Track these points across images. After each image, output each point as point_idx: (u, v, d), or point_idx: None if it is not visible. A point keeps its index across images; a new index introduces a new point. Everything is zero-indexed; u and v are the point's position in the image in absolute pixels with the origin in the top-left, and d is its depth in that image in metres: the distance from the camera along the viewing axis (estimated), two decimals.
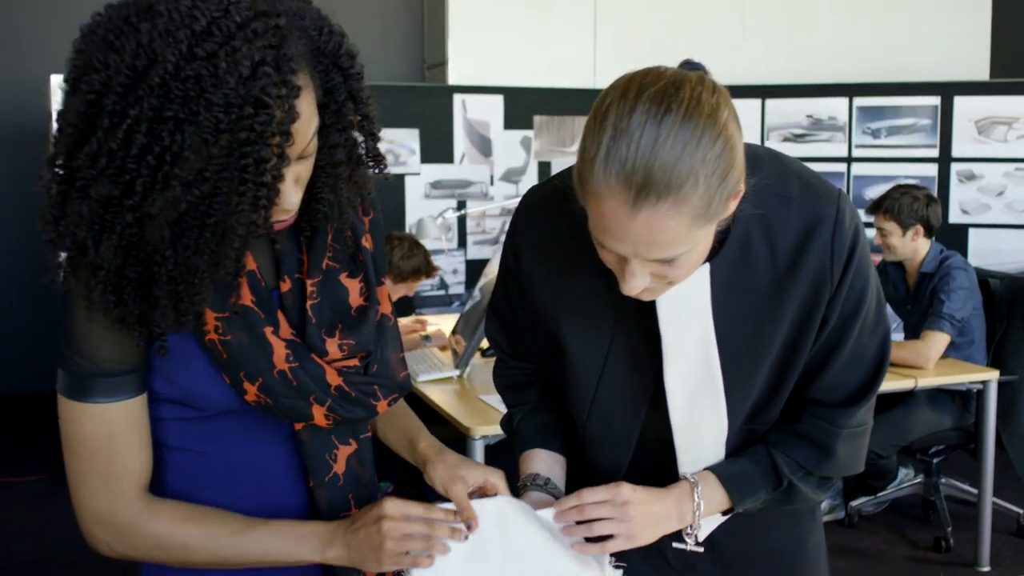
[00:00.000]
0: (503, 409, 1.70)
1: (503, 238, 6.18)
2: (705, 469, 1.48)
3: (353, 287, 1.38)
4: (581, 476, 1.57)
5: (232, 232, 1.12)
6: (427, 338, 4.36)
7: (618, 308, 1.44)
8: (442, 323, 4.63)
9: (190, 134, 1.04)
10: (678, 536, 1.57)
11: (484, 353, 4.10)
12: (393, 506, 1.29)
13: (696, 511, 1.45)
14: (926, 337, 4.06)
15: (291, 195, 1.19)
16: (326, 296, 1.34)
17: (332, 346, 1.32)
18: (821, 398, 1.48)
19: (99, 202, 1.09)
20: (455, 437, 2.99)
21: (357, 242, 1.39)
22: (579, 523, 1.40)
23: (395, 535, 1.28)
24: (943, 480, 4.54)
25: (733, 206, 1.26)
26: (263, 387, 1.26)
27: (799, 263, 1.38)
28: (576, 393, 1.51)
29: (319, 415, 1.30)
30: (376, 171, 1.34)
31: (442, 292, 6.07)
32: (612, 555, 1.41)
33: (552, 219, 1.47)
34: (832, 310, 1.40)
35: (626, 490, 1.40)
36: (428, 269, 4.68)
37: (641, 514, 1.40)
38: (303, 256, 1.35)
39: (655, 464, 1.55)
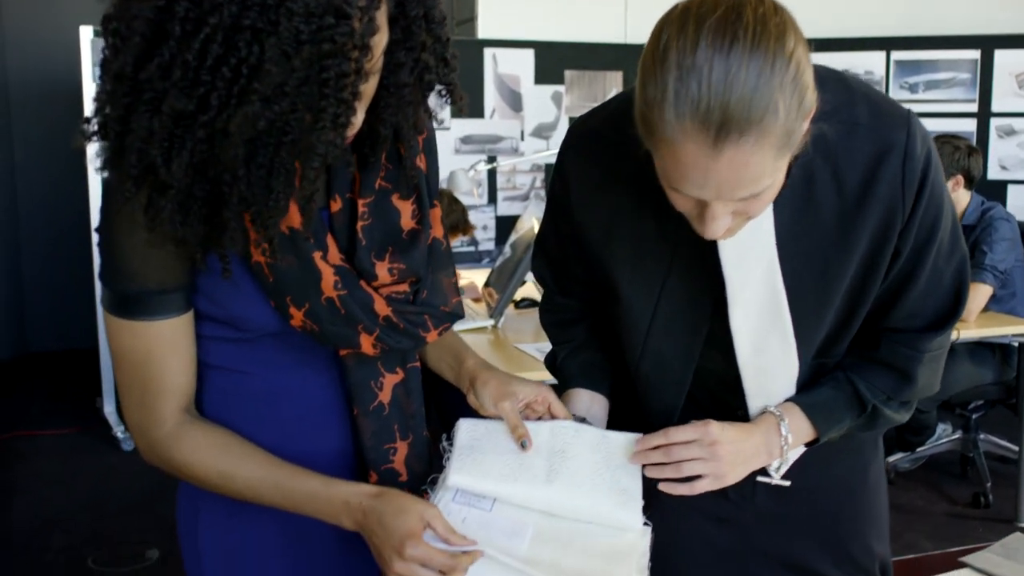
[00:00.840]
0: (538, 356, 1.66)
1: (533, 194, 6.14)
2: (787, 400, 1.43)
3: (405, 209, 1.32)
4: (632, 419, 1.53)
5: (312, 151, 1.06)
6: (460, 290, 4.32)
7: (673, 246, 1.38)
8: (473, 278, 4.59)
9: (270, 46, 0.98)
10: (761, 470, 1.54)
11: (518, 305, 4.06)
12: (419, 551, 1.18)
13: (784, 445, 1.40)
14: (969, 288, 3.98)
15: (356, 113, 1.12)
16: (377, 217, 1.29)
17: (382, 270, 1.27)
18: (900, 326, 1.43)
19: (170, 117, 1.03)
20: None
21: (411, 162, 1.33)
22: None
23: (404, 572, 1.19)
24: (982, 436, 4.47)
25: (806, 126, 1.20)
26: (309, 313, 1.21)
27: (868, 195, 1.31)
28: (628, 334, 1.46)
29: (366, 344, 1.26)
30: (447, 100, 1.27)
31: (472, 249, 6.02)
32: (645, 514, 1.35)
33: (601, 152, 1.41)
34: (904, 241, 1.34)
35: (714, 428, 1.35)
36: (465, 226, 4.65)
37: (730, 453, 1.35)
38: (355, 175, 1.30)
39: (716, 405, 1.50)
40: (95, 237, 1.21)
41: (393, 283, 1.28)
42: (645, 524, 1.34)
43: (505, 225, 5.79)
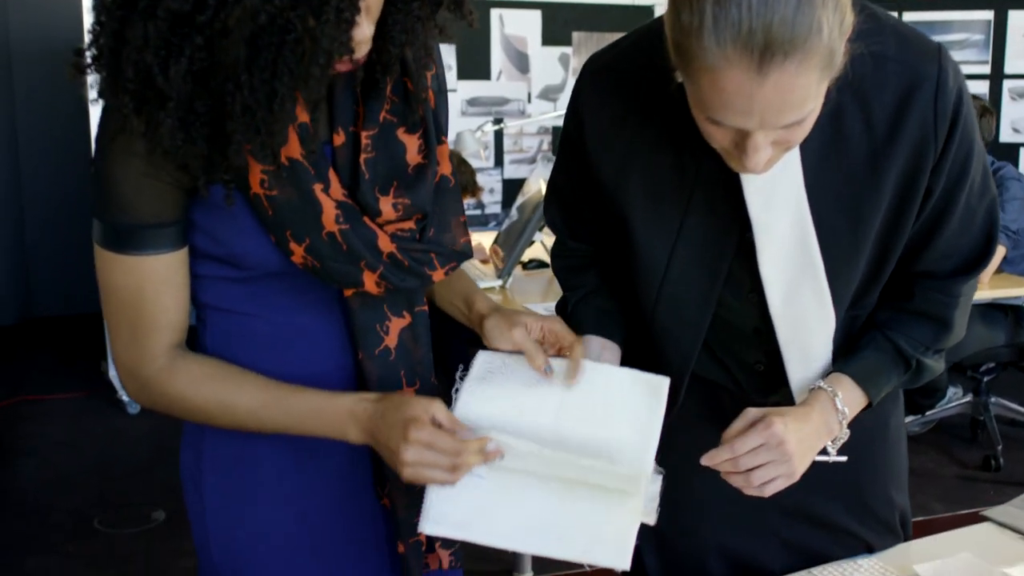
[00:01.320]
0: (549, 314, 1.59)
1: (540, 157, 6.09)
2: (834, 372, 1.39)
3: (411, 143, 1.28)
4: (648, 368, 1.49)
5: (317, 48, 1.02)
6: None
7: (691, 186, 1.34)
8: (480, 240, 4.55)
9: None
10: None
11: (526, 266, 4.03)
12: (424, 432, 1.16)
13: (841, 419, 1.35)
14: None
15: (363, 25, 1.08)
16: (381, 151, 1.25)
17: (386, 205, 1.23)
18: (932, 270, 1.39)
19: (166, 21, 0.99)
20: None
21: (418, 95, 1.29)
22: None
23: (414, 459, 1.16)
24: (992, 399, 4.44)
25: (844, 47, 1.15)
26: (310, 249, 1.17)
27: (899, 131, 1.27)
28: (643, 278, 1.42)
29: (370, 281, 1.22)
30: (458, 16, 1.22)
31: (479, 212, 5.98)
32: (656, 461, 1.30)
33: (617, 88, 1.37)
34: (937, 179, 1.30)
35: (778, 426, 1.27)
36: (474, 188, 4.62)
37: (797, 447, 1.28)
38: (359, 108, 1.26)
39: (733, 359, 1.47)
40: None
41: (398, 220, 1.24)
42: (657, 471, 1.30)
43: (512, 188, 5.75)
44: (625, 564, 1.22)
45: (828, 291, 1.33)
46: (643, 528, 1.56)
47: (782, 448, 1.27)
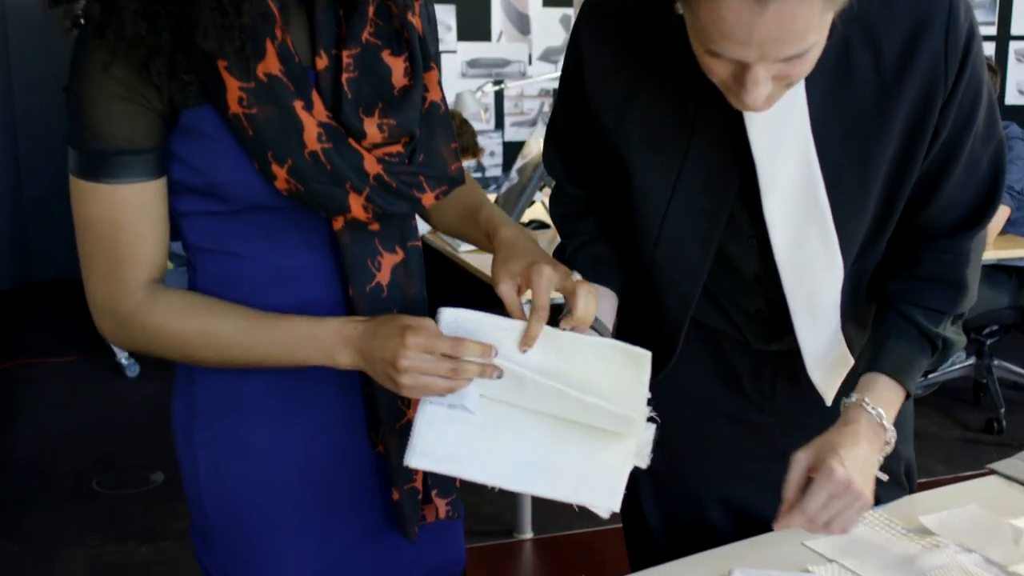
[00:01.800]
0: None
1: (541, 119, 6.03)
2: (869, 372, 1.34)
3: (396, 66, 1.24)
4: (643, 318, 1.46)
5: None
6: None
7: (692, 126, 1.30)
8: None
9: None
10: (761, 375, 1.47)
11: (526, 226, 3.99)
12: (421, 337, 1.13)
13: (888, 439, 1.30)
14: None
15: None
16: (365, 72, 1.21)
17: (371, 126, 1.18)
18: (936, 225, 1.35)
19: None
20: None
21: (403, 18, 1.25)
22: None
23: (412, 365, 1.12)
24: (996, 362, 4.41)
25: None
26: (293, 170, 1.13)
27: (907, 69, 1.23)
28: (642, 222, 1.38)
29: (356, 206, 1.18)
30: None
31: (479, 174, 5.93)
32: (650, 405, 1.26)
33: (616, 27, 1.33)
34: (944, 120, 1.26)
35: (839, 471, 1.21)
36: (475, 149, 4.58)
37: (861, 476, 1.24)
38: (342, 33, 1.21)
39: (734, 308, 1.43)
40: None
41: (385, 143, 1.20)
42: (651, 419, 1.27)
43: (512, 151, 5.70)
44: (615, 506, 1.19)
45: (835, 237, 1.29)
46: (642, 478, 1.55)
47: (850, 487, 1.22)
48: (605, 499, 1.19)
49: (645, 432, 1.25)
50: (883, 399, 1.31)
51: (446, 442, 1.18)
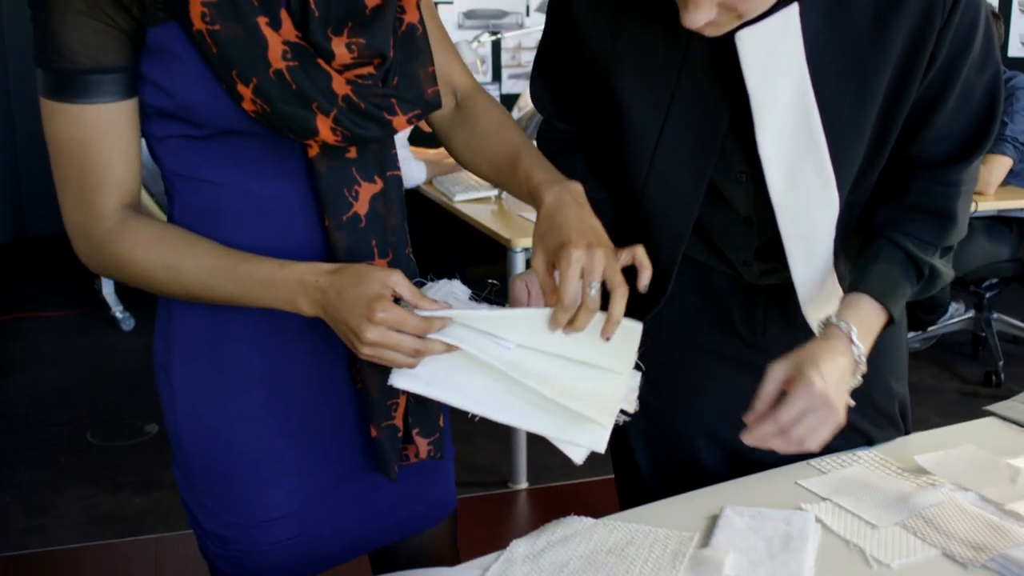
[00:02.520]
0: None
1: None
2: (851, 292, 1.30)
3: None
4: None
5: None
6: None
7: (683, 56, 1.26)
8: None
9: None
10: (752, 311, 1.44)
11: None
12: (391, 313, 1.08)
13: (859, 356, 1.26)
14: (987, 160, 3.85)
15: None
16: None
17: (339, 46, 1.14)
18: (927, 155, 1.31)
19: None
20: (499, 275, 2.92)
21: None
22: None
23: (377, 340, 1.09)
24: (995, 315, 4.39)
25: None
26: (258, 90, 1.10)
27: None
28: (632, 156, 1.35)
29: (325, 128, 1.14)
30: None
31: None
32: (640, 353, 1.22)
33: None
34: (941, 46, 1.22)
35: (816, 381, 1.19)
36: None
37: (836, 391, 1.21)
38: None
39: (721, 257, 1.40)
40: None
41: (356, 64, 1.16)
42: (638, 367, 1.24)
43: (509, 104, 5.63)
44: (601, 447, 1.16)
45: (831, 170, 1.26)
46: (633, 424, 1.52)
47: (827, 403, 1.19)
48: (591, 439, 1.16)
49: (631, 379, 1.22)
50: (863, 320, 1.28)
51: (434, 367, 1.15)
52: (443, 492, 1.46)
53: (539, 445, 3.36)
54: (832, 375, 1.21)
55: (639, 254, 1.19)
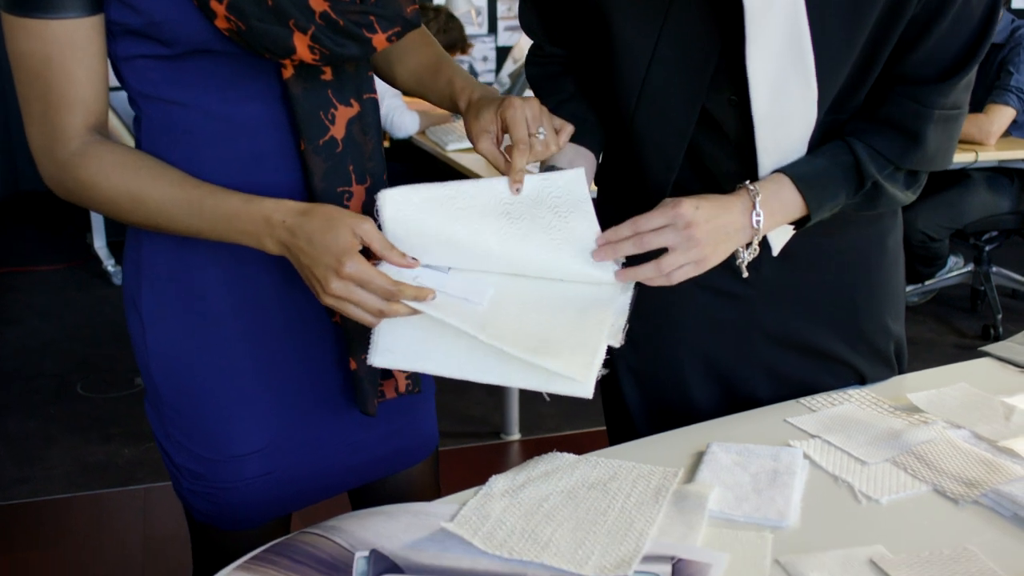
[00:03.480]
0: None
1: None
2: (776, 171, 1.27)
3: None
4: (627, 183, 1.38)
5: None
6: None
7: None
8: None
9: None
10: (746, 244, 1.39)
11: None
12: (361, 269, 1.06)
13: (756, 224, 1.23)
14: (990, 111, 3.80)
15: None
16: None
17: None
18: (912, 74, 1.25)
19: None
20: None
21: None
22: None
23: (342, 294, 1.07)
24: (994, 269, 4.34)
25: None
26: (232, 7, 1.05)
27: None
28: (623, 80, 1.30)
29: (302, 46, 1.09)
30: None
31: None
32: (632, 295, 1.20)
33: None
34: None
35: (687, 209, 1.17)
36: (463, 44, 4.46)
37: (709, 233, 1.18)
38: None
39: (724, 170, 1.35)
40: None
41: None
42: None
43: (505, 56, 5.56)
44: (588, 392, 1.12)
45: (816, 88, 1.21)
46: (621, 357, 1.49)
47: (689, 231, 1.17)
48: (578, 386, 1.12)
49: (621, 296, 1.19)
50: (777, 197, 1.24)
51: (411, 337, 1.13)
52: (424, 429, 1.43)
53: (532, 396, 3.34)
54: (712, 218, 1.19)
55: (567, 128, 1.24)
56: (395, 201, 1.15)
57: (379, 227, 1.14)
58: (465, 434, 3.31)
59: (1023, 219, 4.13)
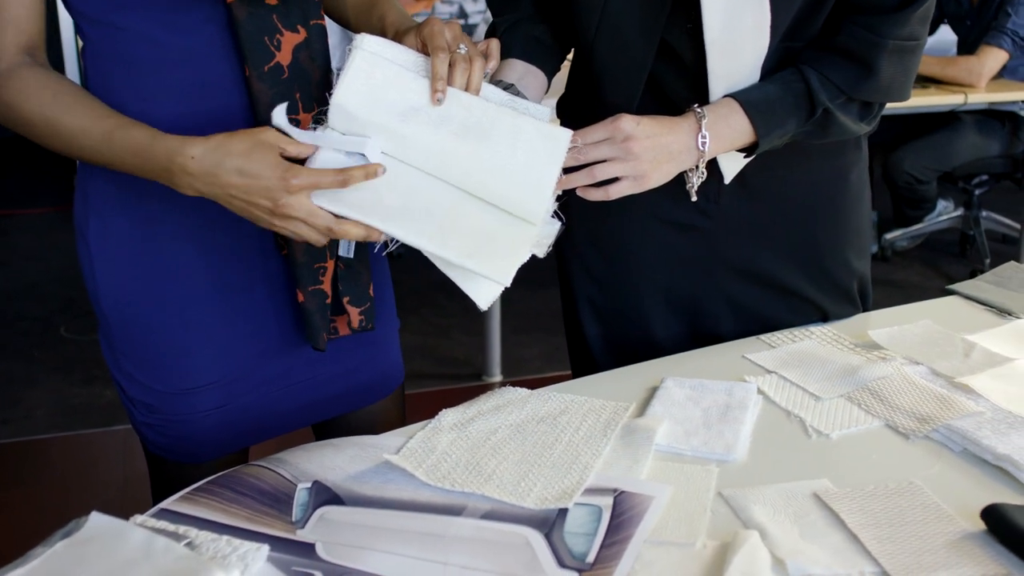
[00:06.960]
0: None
1: None
2: (727, 96, 1.25)
3: None
4: (589, 112, 1.35)
5: None
6: None
7: None
8: None
9: None
10: (707, 176, 1.37)
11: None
12: (303, 177, 1.05)
13: (701, 146, 1.22)
14: (982, 52, 3.75)
15: None
16: None
17: None
18: (867, 3, 1.22)
19: None
20: None
21: None
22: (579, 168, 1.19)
23: (295, 211, 1.06)
24: (984, 213, 4.32)
25: None
26: None
27: None
28: (582, 9, 1.28)
29: None
30: None
31: (463, 21, 5.73)
32: (557, 202, 1.17)
33: None
34: None
35: (626, 123, 1.17)
36: None
37: (648, 149, 1.18)
38: None
39: (684, 97, 1.33)
40: None
41: None
42: (556, 217, 1.18)
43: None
44: (506, 280, 1.11)
45: (769, 18, 1.19)
46: (581, 290, 1.47)
47: (628, 144, 1.17)
48: (497, 271, 1.10)
49: (548, 226, 1.17)
50: (725, 121, 1.23)
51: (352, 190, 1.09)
52: (387, 365, 1.42)
53: (514, 338, 3.34)
54: (653, 135, 1.19)
55: (492, 46, 1.21)
56: (370, 54, 1.11)
57: (338, 70, 1.12)
58: (447, 375, 3.31)
59: (1013, 163, 4.10)
